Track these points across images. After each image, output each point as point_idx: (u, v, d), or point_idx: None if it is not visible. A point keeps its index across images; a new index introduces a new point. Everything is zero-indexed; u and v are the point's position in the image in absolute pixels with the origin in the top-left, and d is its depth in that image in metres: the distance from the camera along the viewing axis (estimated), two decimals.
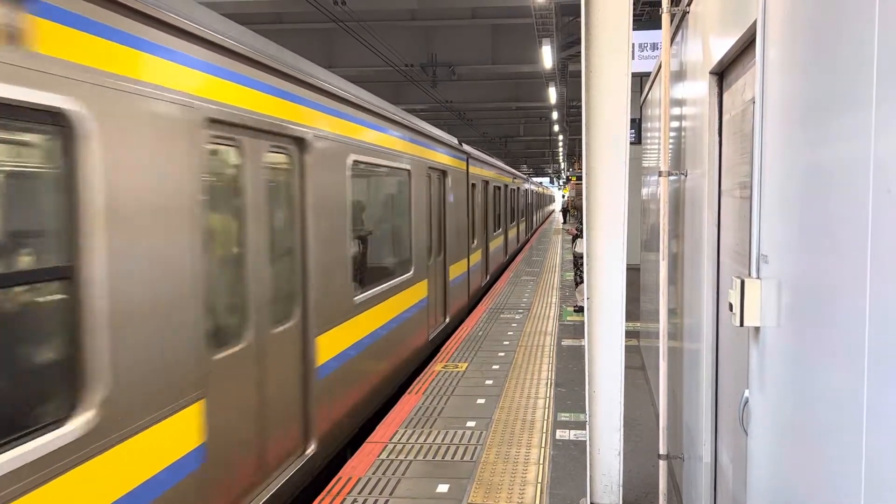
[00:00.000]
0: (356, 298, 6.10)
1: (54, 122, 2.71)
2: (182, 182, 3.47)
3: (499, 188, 18.27)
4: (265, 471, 4.39)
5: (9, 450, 2.48)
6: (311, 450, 5.03)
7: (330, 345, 5.46)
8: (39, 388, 2.81)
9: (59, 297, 2.81)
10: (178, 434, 3.43)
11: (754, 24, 2.39)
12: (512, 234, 22.00)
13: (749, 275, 2.37)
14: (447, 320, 10.48)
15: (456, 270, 11.23)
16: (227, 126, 3.99)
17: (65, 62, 2.72)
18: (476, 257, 13.49)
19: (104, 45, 2.94)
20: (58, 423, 2.71)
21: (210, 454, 3.69)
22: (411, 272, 8.12)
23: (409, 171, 8.16)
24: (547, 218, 60.45)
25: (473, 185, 13.21)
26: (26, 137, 2.80)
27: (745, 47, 2.82)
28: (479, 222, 14.30)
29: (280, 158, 4.78)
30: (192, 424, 3.57)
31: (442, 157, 10.19)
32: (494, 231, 17.21)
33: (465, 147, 12.67)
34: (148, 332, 3.19)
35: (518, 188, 25.27)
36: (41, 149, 2.86)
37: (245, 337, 4.21)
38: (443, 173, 10.38)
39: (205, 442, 3.65)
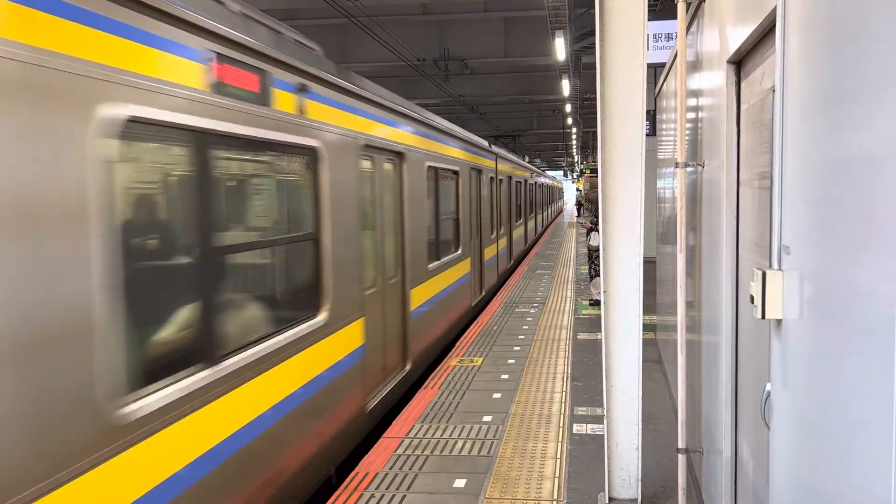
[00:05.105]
0: None
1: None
2: None
3: (479, 171, 12.64)
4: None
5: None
6: None
7: None
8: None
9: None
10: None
11: (773, 10, 2.35)
12: (503, 244, 16.11)
13: (770, 266, 2.33)
14: None
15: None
16: None
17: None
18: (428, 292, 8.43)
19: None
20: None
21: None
22: None
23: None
24: (551, 224, 42.08)
25: (364, 161, 6.18)
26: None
27: (764, 35, 2.78)
28: (405, 238, 7.48)
29: None
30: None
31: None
32: (489, 236, 12.59)
33: (356, 83, 5.90)
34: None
35: (509, 178, 17.60)
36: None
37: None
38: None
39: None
